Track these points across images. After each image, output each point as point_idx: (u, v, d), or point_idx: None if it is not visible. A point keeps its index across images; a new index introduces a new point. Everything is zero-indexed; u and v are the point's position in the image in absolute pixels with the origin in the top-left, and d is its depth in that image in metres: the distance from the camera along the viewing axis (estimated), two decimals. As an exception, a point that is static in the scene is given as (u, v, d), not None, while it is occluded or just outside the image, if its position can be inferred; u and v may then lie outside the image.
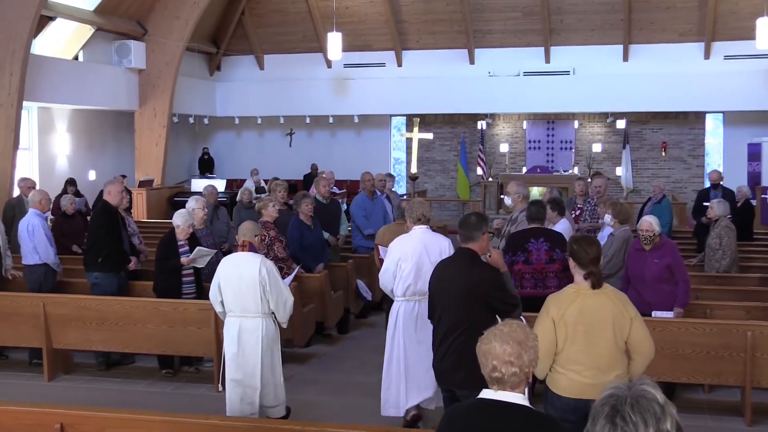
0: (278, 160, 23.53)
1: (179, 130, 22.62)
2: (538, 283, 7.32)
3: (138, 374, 8.61)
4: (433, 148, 23.44)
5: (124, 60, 18.73)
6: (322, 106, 22.53)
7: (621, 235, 8.19)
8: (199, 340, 7.96)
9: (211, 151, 23.91)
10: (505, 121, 23.01)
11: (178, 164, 22.97)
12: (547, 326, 4.54)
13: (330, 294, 9.64)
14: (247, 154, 24.16)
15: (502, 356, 2.98)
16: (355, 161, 22.21)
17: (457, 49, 22.01)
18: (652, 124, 22.03)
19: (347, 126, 23.50)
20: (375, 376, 8.39)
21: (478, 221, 5.23)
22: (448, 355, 5.07)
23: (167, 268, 8.29)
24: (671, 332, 6.88)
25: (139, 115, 19.53)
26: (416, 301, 6.47)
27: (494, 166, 22.56)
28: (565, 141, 22.50)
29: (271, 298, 6.38)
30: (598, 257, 4.60)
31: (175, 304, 8.05)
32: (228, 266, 6.48)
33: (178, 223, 8.33)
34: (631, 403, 2.15)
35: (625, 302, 4.59)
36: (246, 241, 6.68)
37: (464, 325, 4.97)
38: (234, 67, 23.88)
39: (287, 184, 11.25)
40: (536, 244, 7.38)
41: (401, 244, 6.57)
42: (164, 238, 8.47)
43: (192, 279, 8.40)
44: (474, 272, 5.10)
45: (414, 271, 6.42)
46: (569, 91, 20.82)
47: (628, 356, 4.55)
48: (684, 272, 7.47)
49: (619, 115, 21.58)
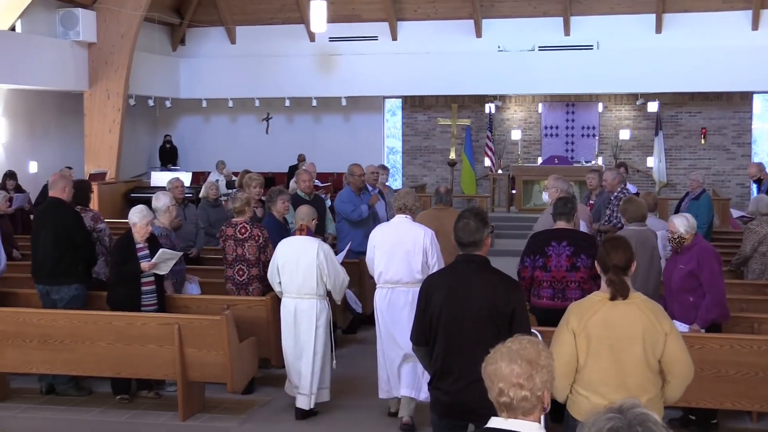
0: (253, 150, 23.53)
1: (137, 115, 22.56)
2: (557, 293, 7.31)
3: (88, 401, 8.57)
4: (434, 135, 23.47)
5: (71, 32, 18.67)
6: (304, 86, 22.53)
7: (627, 235, 8.19)
8: (161, 360, 7.94)
9: (174, 139, 23.87)
10: (518, 103, 23.04)
11: (135, 154, 22.93)
12: (567, 339, 4.55)
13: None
14: (217, 143, 24.15)
15: (510, 378, 2.97)
16: (342, 151, 22.21)
17: (461, 19, 22.04)
18: (689, 107, 22.09)
19: (333, 110, 23.50)
20: (366, 400, 8.40)
21: (479, 224, 5.06)
22: (475, 384, 5.00)
23: (124, 275, 8.27)
24: (712, 350, 6.87)
25: (89, 97, 19.47)
26: (389, 289, 7.65)
27: (504, 156, 22.60)
28: (588, 127, 22.54)
29: (329, 281, 7.85)
30: (624, 264, 4.61)
31: (132, 317, 8.03)
32: (287, 249, 7.94)
33: (134, 221, 8.30)
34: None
35: (658, 314, 4.60)
36: (303, 225, 8.01)
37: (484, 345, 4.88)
38: (201, 41, 23.85)
39: (263, 179, 11.23)
40: (557, 248, 7.35)
41: (379, 231, 7.91)
42: (120, 241, 8.45)
43: (153, 288, 8.38)
44: (498, 284, 5.00)
45: (386, 258, 7.63)
46: (592, 69, 20.87)
47: (662, 378, 4.56)
48: (714, 282, 7.32)
49: (651, 96, 21.63)
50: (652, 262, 8.04)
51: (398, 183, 23.39)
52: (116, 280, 8.36)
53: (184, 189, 11.41)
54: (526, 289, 7.42)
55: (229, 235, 8.92)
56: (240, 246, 8.85)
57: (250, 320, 8.60)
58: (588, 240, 7.45)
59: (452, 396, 5.02)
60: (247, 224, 8.91)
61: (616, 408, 2.26)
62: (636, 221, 8.22)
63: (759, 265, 9.86)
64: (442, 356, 5.05)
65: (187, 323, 7.83)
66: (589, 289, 6.88)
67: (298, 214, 8.14)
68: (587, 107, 22.57)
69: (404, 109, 23.91)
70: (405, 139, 23.97)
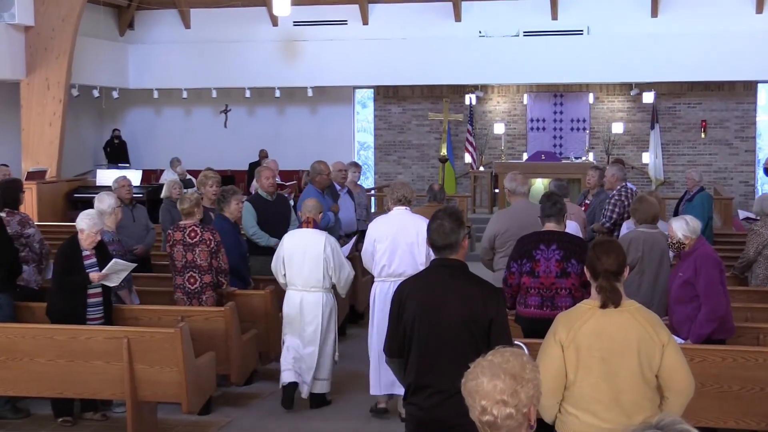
0: (210, 146, 23.49)
1: (80, 107, 22.44)
2: (546, 301, 7.34)
3: (26, 424, 8.51)
4: (409, 129, 23.51)
5: (5, 14, 18.52)
6: (267, 75, 22.51)
7: (628, 236, 8.25)
8: (108, 378, 7.88)
9: (122, 133, 23.78)
10: (501, 94, 23.12)
11: (79, 150, 22.80)
12: (554, 352, 4.57)
13: (277, 317, 9.59)
14: (170, 138, 24.07)
15: (493, 394, 2.98)
16: (308, 146, 22.24)
17: (438, 2, 22.09)
18: (688, 98, 22.25)
19: (298, 101, 23.49)
20: (346, 421, 8.44)
21: (454, 225, 5.06)
22: (451, 399, 5.02)
23: (70, 285, 8.20)
24: (714, 363, 6.89)
25: (27, 87, 19.32)
26: (391, 282, 8.03)
27: (486, 152, 22.66)
28: (577, 120, 22.67)
29: (334, 274, 8.59)
30: (616, 269, 4.64)
31: (76, 331, 7.96)
32: (293, 241, 8.67)
33: (82, 227, 8.23)
34: None
35: (654, 323, 4.62)
36: (310, 218, 8.73)
37: (461, 357, 4.90)
38: (152, 25, 23.76)
39: (219, 177, 11.21)
40: (546, 252, 7.37)
41: (379, 224, 8.46)
42: (65, 247, 8.34)
43: (99, 300, 8.33)
44: (475, 292, 5.02)
45: (388, 252, 8.24)
46: (582, 56, 20.97)
47: (659, 394, 4.60)
48: (710, 293, 7.26)
49: (647, 86, 21.78)
50: (660, 269, 8.08)
51: (370, 181, 23.40)
52: (59, 290, 8.29)
53: (131, 188, 11.37)
54: (512, 297, 7.45)
55: (178, 240, 8.87)
56: (190, 251, 8.81)
57: (207, 333, 8.57)
58: (579, 243, 7.47)
59: (427, 412, 5.03)
60: (197, 227, 8.88)
61: (654, 423, 2.25)
62: (646, 223, 8.26)
63: (764, 270, 9.89)
64: (416, 369, 5.07)
65: (137, 337, 7.77)
66: (581, 297, 6.91)
67: (304, 206, 8.90)
68: (577, 98, 22.69)
69: (376, 100, 23.92)
70: (377, 133, 23.99)
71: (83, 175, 21.92)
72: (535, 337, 6.33)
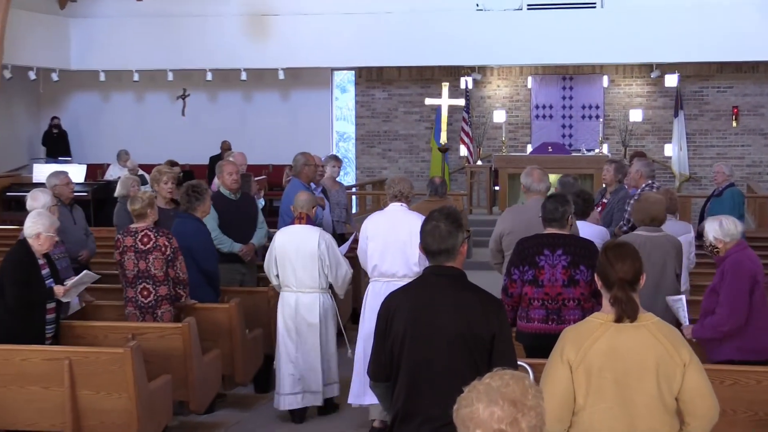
0: (165, 137, 23.44)
1: (13, 91, 22.39)
2: (551, 314, 7.37)
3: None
4: (395, 117, 23.52)
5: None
6: (231, 55, 22.50)
7: (630, 241, 8.29)
8: (46, 406, 7.85)
9: (63, 122, 23.72)
10: (501, 77, 23.17)
11: (11, 142, 22.78)
12: (561, 374, 4.59)
13: (243, 333, 9.63)
14: (119, 128, 24.05)
15: (490, 422, 2.99)
16: (279, 137, 22.28)
17: (430, -31, 22.10)
18: (717, 81, 22.33)
19: (268, 85, 23.50)
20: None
21: (452, 228, 5.02)
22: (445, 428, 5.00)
23: (28, 302, 8.10)
24: (747, 387, 6.90)
25: (-48, 69, 19.30)
26: (384, 282, 8.60)
27: (485, 143, 22.69)
28: (590, 106, 22.73)
29: (330, 273, 9.07)
30: (633, 277, 4.65)
31: (8, 351, 7.90)
32: (285, 239, 9.12)
33: (39, 229, 8.03)
34: None
35: (675, 340, 4.64)
36: (303, 213, 9.16)
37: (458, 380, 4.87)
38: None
39: (177, 172, 11.20)
40: (551, 258, 7.39)
41: (373, 221, 9.03)
42: (18, 256, 8.16)
43: (54, 317, 8.32)
44: (474, 304, 5.01)
45: (380, 250, 8.74)
46: (595, 33, 20.99)
47: (680, 419, 4.62)
48: (730, 301, 7.37)
49: (669, 67, 21.84)
50: (662, 278, 8.07)
51: (351, 178, 23.41)
52: (16, 307, 8.07)
53: (72, 186, 11.32)
54: (512, 310, 7.46)
55: (129, 246, 8.80)
56: (143, 259, 8.76)
57: (163, 353, 8.53)
58: (589, 247, 7.47)
59: None
60: (150, 231, 8.81)
61: None
62: (644, 224, 8.27)
63: None
64: (405, 394, 5.05)
65: (80, 358, 7.74)
66: (591, 308, 6.94)
67: (297, 201, 9.28)
68: (589, 81, 22.74)
69: (358, 84, 23.94)
70: (359, 122, 24.01)
71: (17, 171, 21.88)
72: (539, 355, 6.34)
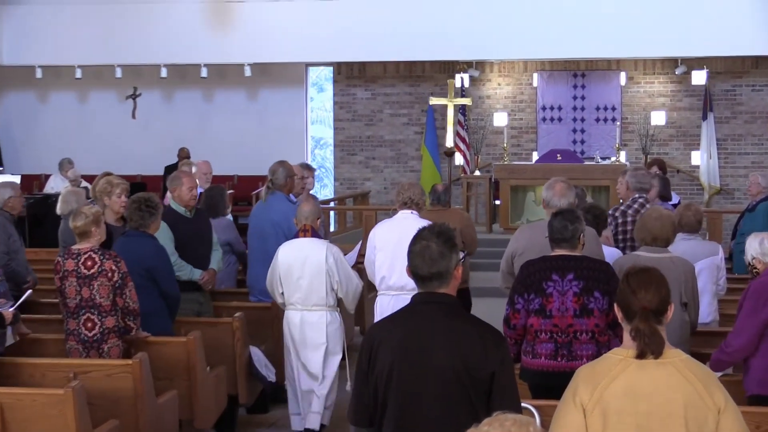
0: (113, 143, 23.50)
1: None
2: (561, 349, 7.37)
3: None
4: (380, 120, 23.54)
5: None
6: (189, 49, 22.55)
7: (617, 263, 8.25)
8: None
9: (-7, 126, 23.74)
10: (503, 74, 23.23)
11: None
12: (574, 418, 4.58)
13: (204, 371, 9.62)
14: (59, 132, 24.10)
15: (491, 476, 2.99)
16: (246, 144, 22.36)
17: (419, -50, 22.18)
18: (752, 78, 22.42)
19: (233, 83, 23.56)
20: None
21: (444, 248, 5.00)
22: None
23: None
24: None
25: None
26: (392, 296, 9.45)
27: (484, 151, 22.72)
28: (605, 108, 22.80)
29: (340, 288, 9.51)
30: (658, 306, 4.64)
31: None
32: (289, 253, 9.53)
33: None
34: None
35: (708, 381, 4.62)
36: (308, 225, 9.55)
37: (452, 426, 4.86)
38: (33, -19, 23.74)
39: (128, 184, 11.16)
40: (560, 284, 7.41)
41: (381, 230, 9.88)
42: None
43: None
44: (472, 336, 5.00)
45: (388, 261, 9.56)
46: (611, 24, 21.05)
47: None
48: (742, 327, 7.50)
49: (696, 62, 21.91)
50: None
51: (328, 191, 23.42)
52: None
53: (22, 200, 11.33)
54: (516, 344, 7.45)
55: (70, 270, 8.70)
56: (86, 286, 8.67)
57: (110, 394, 8.49)
58: (604, 270, 7.48)
59: None
60: (95, 254, 8.70)
61: None
62: (646, 244, 8.26)
63: None
64: None
65: (12, 401, 7.71)
66: (607, 342, 6.94)
67: (300, 212, 9.69)
68: (604, 79, 22.80)
69: (336, 81, 24.00)
70: (338, 125, 24.04)
71: (-59, 183, 21.85)
72: (546, 396, 6.35)
